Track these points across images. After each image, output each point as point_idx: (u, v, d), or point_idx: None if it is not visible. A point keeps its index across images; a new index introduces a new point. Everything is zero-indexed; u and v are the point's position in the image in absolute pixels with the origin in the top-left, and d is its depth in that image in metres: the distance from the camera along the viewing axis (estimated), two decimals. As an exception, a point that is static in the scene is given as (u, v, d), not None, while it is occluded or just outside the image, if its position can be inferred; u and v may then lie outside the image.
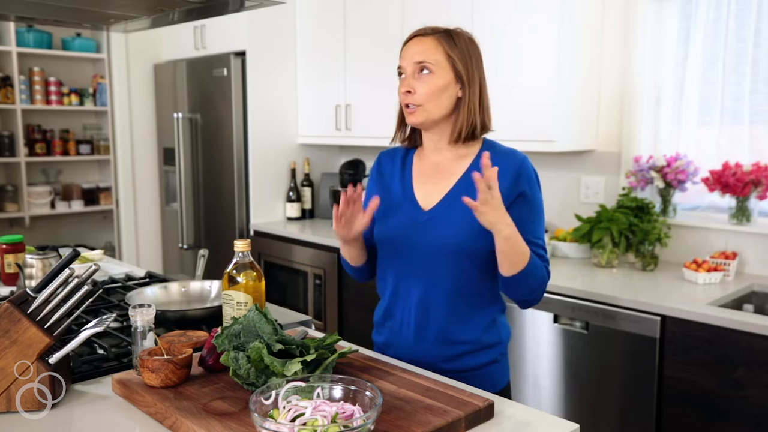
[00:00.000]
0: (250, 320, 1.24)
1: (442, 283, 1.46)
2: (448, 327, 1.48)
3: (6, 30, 3.99)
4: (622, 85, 2.83)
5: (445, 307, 1.47)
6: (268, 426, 0.94)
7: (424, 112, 1.46)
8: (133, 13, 1.78)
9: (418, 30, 1.49)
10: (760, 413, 1.92)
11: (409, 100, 1.46)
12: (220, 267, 1.52)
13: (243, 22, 3.61)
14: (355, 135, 3.56)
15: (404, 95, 1.47)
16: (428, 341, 1.49)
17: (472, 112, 1.47)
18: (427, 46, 1.45)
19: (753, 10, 2.50)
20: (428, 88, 1.44)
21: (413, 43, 1.47)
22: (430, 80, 1.44)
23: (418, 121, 1.47)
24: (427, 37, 1.46)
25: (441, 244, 1.45)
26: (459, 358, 1.49)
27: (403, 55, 1.48)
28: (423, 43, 1.46)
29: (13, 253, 2.10)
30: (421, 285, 1.48)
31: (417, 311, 1.49)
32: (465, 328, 1.48)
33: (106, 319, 1.25)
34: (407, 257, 1.48)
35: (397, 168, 1.58)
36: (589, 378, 2.32)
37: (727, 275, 2.42)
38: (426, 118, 1.46)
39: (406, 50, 1.48)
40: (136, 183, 4.42)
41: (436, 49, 1.45)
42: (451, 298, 1.47)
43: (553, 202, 3.01)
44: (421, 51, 1.45)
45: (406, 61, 1.47)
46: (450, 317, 1.47)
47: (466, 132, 1.47)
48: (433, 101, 1.45)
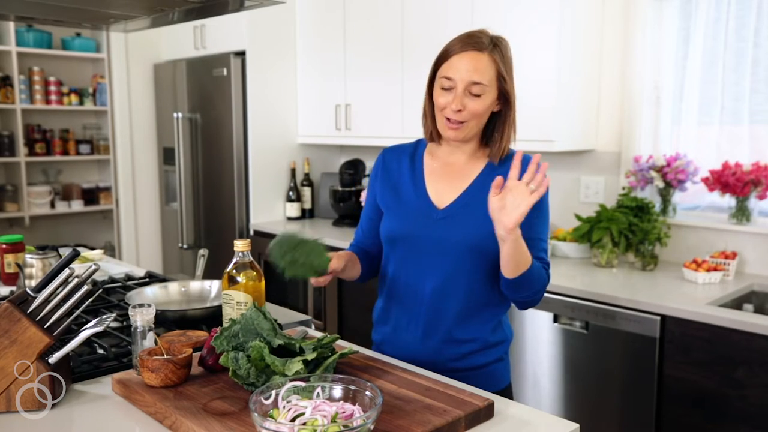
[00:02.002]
0: (248, 318, 1.25)
1: (456, 281, 1.46)
2: (457, 325, 1.48)
3: (6, 30, 3.99)
4: (622, 85, 2.83)
5: (456, 305, 1.47)
6: (268, 426, 0.94)
7: (466, 129, 1.44)
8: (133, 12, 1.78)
9: (470, 41, 1.42)
10: (760, 413, 1.92)
11: (458, 117, 1.43)
12: (220, 267, 1.52)
13: (243, 22, 3.61)
14: (355, 135, 3.56)
15: (453, 112, 1.42)
16: (436, 339, 1.49)
17: (513, 129, 1.48)
18: (483, 64, 1.40)
19: (753, 10, 2.50)
20: (478, 107, 1.42)
21: (468, 57, 1.41)
22: (481, 101, 1.41)
23: (459, 137, 1.46)
24: (483, 54, 1.40)
25: (457, 243, 1.44)
26: (466, 357, 1.49)
27: (455, 68, 1.42)
28: (479, 60, 1.40)
29: (13, 252, 2.10)
30: (434, 283, 1.47)
31: (428, 309, 1.49)
32: (474, 327, 1.49)
33: (106, 319, 1.25)
34: (421, 255, 1.48)
35: (405, 165, 1.57)
36: (589, 378, 2.32)
37: (727, 275, 2.42)
38: (467, 135, 1.46)
39: (458, 62, 1.41)
40: (136, 183, 4.42)
41: (490, 68, 1.41)
42: (464, 296, 1.47)
43: (553, 202, 3.00)
44: (477, 69, 1.40)
45: (459, 76, 1.41)
46: (460, 316, 1.48)
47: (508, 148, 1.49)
48: (477, 120, 1.44)
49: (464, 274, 1.45)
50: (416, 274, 1.49)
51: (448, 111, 1.43)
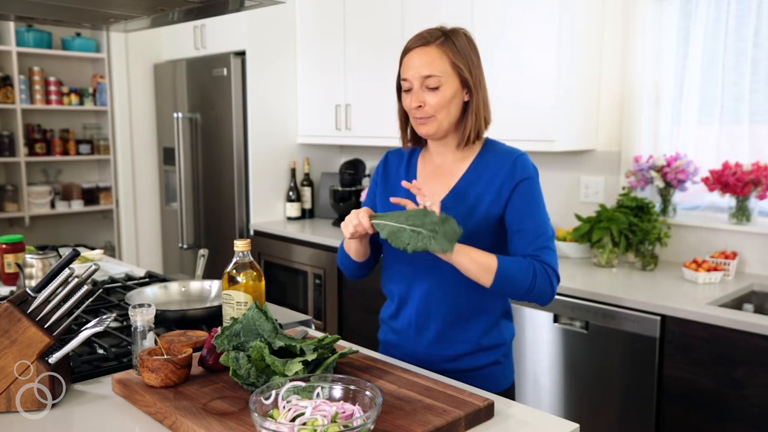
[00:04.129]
0: (250, 318, 1.25)
1: (446, 282, 1.46)
2: (447, 327, 1.49)
3: (6, 30, 3.99)
4: (621, 85, 2.83)
5: (445, 307, 1.48)
6: (268, 426, 0.94)
7: (435, 123, 1.45)
8: (133, 12, 1.78)
9: (417, 39, 1.45)
10: (760, 413, 1.92)
11: (421, 113, 1.44)
12: (220, 267, 1.52)
13: (243, 22, 3.61)
14: (355, 135, 3.56)
15: (415, 110, 1.44)
16: (428, 340, 1.50)
17: (479, 117, 1.47)
18: (431, 57, 1.41)
19: (753, 10, 2.49)
20: (438, 100, 1.42)
21: (416, 54, 1.43)
22: (439, 92, 1.42)
23: (430, 132, 1.46)
24: (430, 47, 1.42)
25: None
26: (459, 359, 1.49)
27: (407, 67, 1.44)
28: (427, 53, 1.42)
29: (13, 252, 2.10)
30: (425, 284, 1.48)
31: (419, 310, 1.50)
32: (464, 329, 1.49)
33: (106, 319, 1.25)
34: (413, 256, 1.48)
35: (402, 169, 1.59)
36: (589, 378, 2.32)
37: (727, 275, 2.42)
38: (437, 128, 1.46)
39: (408, 61, 1.44)
40: (136, 183, 4.41)
41: (440, 59, 1.41)
42: (453, 298, 1.47)
43: (553, 202, 3.00)
44: (426, 63, 1.41)
45: (411, 74, 1.43)
46: (450, 318, 1.48)
47: (473, 136, 1.48)
48: (443, 111, 1.44)
49: (454, 273, 1.43)
50: (411, 275, 1.51)
51: (413, 110, 1.45)
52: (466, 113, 1.47)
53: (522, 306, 2.45)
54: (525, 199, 1.44)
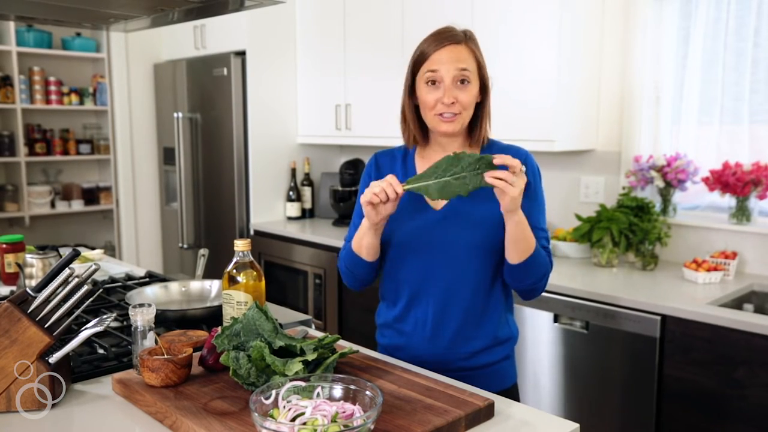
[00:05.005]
0: (250, 318, 1.25)
1: (464, 279, 1.47)
2: (466, 324, 1.48)
3: (6, 30, 3.99)
4: (622, 85, 2.83)
5: (464, 303, 1.48)
6: (268, 425, 0.94)
7: (460, 120, 1.45)
8: (133, 12, 1.78)
9: (448, 33, 1.44)
10: (760, 413, 1.92)
11: (452, 109, 1.43)
12: (220, 266, 1.52)
13: (243, 22, 3.61)
14: (355, 135, 3.56)
15: (446, 106, 1.42)
16: (445, 339, 1.49)
17: (490, 118, 1.51)
18: (463, 54, 1.43)
19: (753, 10, 2.49)
20: (468, 97, 1.43)
21: (450, 50, 1.42)
22: (469, 89, 1.43)
23: (455, 129, 1.46)
24: (462, 45, 1.43)
25: (461, 241, 1.45)
26: (476, 355, 1.50)
27: (437, 61, 1.43)
28: (459, 51, 1.43)
29: (13, 252, 2.10)
30: (442, 284, 1.47)
31: (435, 310, 1.49)
32: (480, 324, 1.49)
33: (106, 319, 1.25)
34: (426, 257, 1.47)
35: (397, 169, 1.57)
36: (589, 378, 2.32)
37: (727, 275, 2.42)
38: (462, 126, 1.47)
39: (441, 56, 1.42)
40: (136, 183, 4.42)
41: (470, 58, 1.44)
42: (471, 294, 1.47)
43: (553, 202, 3.00)
44: (460, 59, 1.42)
45: (446, 68, 1.42)
46: (468, 314, 1.48)
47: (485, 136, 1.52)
48: (468, 110, 1.45)
49: (470, 272, 1.45)
50: (424, 276, 1.49)
51: (440, 106, 1.43)
52: (477, 114, 1.49)
53: (522, 306, 2.45)
54: (530, 198, 1.46)
